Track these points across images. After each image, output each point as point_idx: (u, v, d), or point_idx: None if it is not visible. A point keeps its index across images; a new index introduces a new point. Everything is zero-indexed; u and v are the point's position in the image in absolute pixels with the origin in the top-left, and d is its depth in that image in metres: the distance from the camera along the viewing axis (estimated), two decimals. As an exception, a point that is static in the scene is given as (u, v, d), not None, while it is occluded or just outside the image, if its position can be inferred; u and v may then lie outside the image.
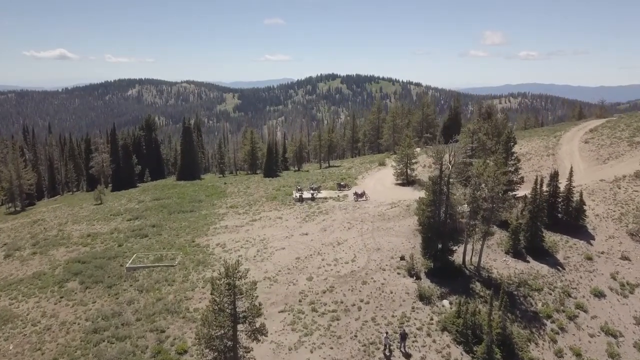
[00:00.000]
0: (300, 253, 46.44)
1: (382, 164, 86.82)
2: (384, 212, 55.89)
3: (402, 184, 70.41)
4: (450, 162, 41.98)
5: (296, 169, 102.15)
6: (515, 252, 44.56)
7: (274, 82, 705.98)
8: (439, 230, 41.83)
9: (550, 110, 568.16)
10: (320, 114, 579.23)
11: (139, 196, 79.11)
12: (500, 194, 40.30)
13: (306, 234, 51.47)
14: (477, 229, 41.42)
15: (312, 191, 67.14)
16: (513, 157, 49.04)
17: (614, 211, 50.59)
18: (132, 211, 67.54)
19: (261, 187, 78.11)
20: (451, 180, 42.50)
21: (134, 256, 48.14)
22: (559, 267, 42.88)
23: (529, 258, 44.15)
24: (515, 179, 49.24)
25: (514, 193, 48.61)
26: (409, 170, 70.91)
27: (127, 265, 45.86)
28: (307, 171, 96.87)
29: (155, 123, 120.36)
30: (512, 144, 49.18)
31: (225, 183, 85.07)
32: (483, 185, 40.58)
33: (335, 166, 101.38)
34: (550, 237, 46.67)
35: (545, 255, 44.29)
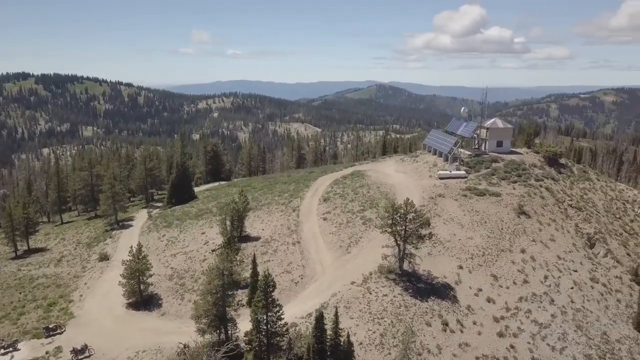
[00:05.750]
0: None
1: (104, 257, 70.05)
2: (119, 388, 41.98)
3: (136, 306, 56.66)
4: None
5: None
6: None
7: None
8: None
9: (260, 109, 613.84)
10: (11, 121, 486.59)
11: None
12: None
13: None
14: None
15: (3, 351, 47.42)
16: (276, 308, 41.99)
17: (374, 332, 48.53)
18: None
19: None
20: None
21: None
22: None
23: None
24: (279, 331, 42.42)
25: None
26: (142, 285, 57.51)
27: None
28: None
29: None
30: (270, 289, 42.05)
31: None
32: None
33: (39, 250, 79.04)
34: (324, 394, 41.37)
35: None
